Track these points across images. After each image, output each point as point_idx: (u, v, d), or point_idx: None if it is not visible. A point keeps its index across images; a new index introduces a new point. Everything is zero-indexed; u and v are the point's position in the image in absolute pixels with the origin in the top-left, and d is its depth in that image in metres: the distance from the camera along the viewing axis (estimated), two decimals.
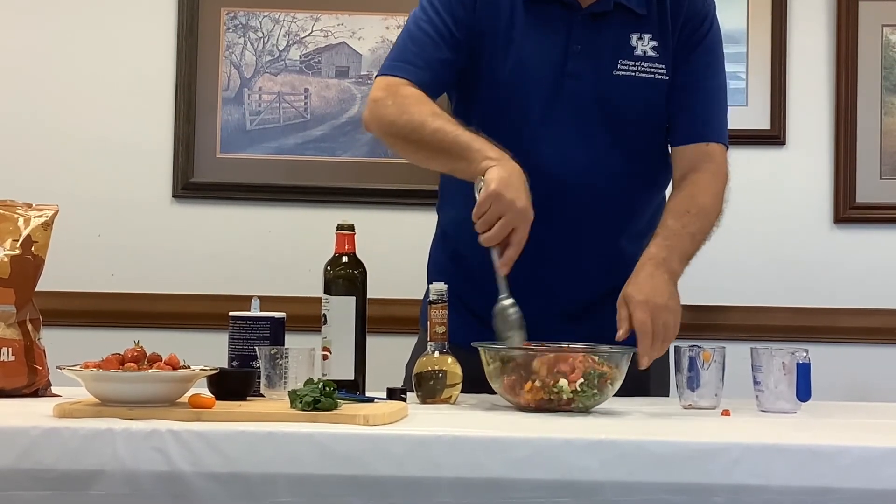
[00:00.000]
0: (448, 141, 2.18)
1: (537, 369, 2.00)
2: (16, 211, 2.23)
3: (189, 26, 3.32)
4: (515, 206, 2.07)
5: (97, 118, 3.34)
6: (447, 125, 2.20)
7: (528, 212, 2.09)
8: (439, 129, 2.19)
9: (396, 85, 2.28)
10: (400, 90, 2.27)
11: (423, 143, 2.22)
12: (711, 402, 2.14)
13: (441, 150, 2.20)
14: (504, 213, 2.08)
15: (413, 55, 2.31)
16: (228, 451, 1.69)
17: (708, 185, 2.33)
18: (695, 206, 2.29)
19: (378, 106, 2.28)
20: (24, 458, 1.69)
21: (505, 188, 2.07)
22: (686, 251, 2.26)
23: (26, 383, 2.14)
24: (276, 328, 2.14)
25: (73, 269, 3.22)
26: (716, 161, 2.35)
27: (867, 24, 3.30)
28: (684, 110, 2.36)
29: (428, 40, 2.31)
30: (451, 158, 2.19)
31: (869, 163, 3.29)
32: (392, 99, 2.26)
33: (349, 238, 2.21)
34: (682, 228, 2.25)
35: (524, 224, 2.09)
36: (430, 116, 2.21)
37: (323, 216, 3.13)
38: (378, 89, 2.30)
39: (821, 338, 3.21)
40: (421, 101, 2.25)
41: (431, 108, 2.23)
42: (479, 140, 2.16)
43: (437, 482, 1.68)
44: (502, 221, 2.08)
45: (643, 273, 2.18)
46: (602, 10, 2.32)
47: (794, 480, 1.67)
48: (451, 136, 2.18)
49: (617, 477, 1.67)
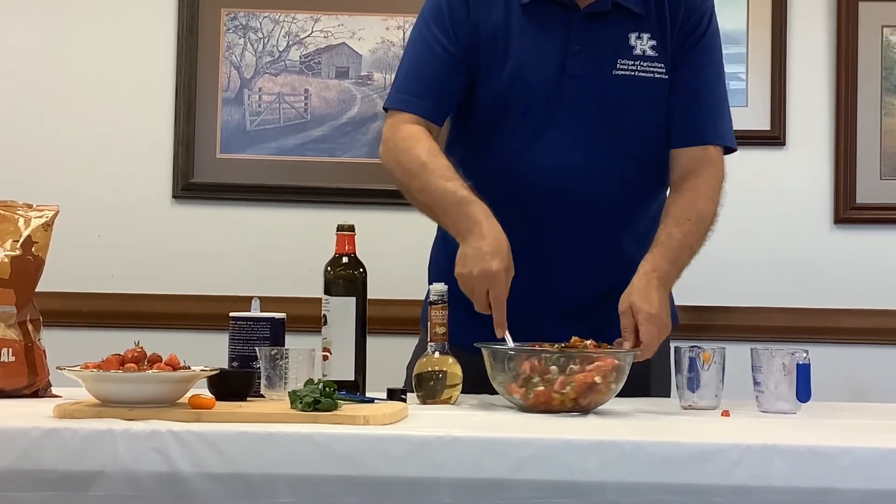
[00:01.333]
0: (430, 203, 2.25)
1: (539, 370, 2.01)
2: (16, 211, 2.23)
3: (189, 27, 3.32)
4: (478, 279, 2.13)
5: (97, 119, 3.34)
6: (430, 181, 2.23)
7: (487, 276, 2.13)
8: (424, 188, 2.25)
9: (397, 124, 2.32)
10: (399, 132, 2.31)
11: (412, 197, 2.30)
12: (711, 403, 2.14)
13: (427, 207, 2.27)
14: (473, 287, 2.14)
15: (415, 84, 2.34)
16: (229, 452, 1.69)
17: (708, 191, 2.34)
18: (695, 213, 2.30)
19: (384, 148, 2.35)
20: (25, 459, 1.69)
21: (462, 267, 2.16)
22: (684, 263, 2.29)
23: (26, 384, 2.14)
24: (277, 329, 2.14)
25: (74, 269, 3.22)
26: (714, 165, 2.36)
27: (867, 24, 3.30)
28: (683, 113, 2.35)
29: (429, 67, 2.34)
30: (436, 218, 2.29)
31: (869, 163, 3.29)
32: (393, 142, 2.32)
33: (349, 239, 2.21)
34: (683, 238, 2.27)
35: (493, 286, 2.13)
36: (420, 169, 2.25)
37: (323, 217, 3.14)
38: (385, 127, 2.36)
39: (821, 338, 3.21)
40: (414, 146, 2.27)
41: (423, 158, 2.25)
42: (455, 204, 2.20)
43: (437, 483, 1.68)
44: (475, 293, 2.15)
45: (651, 285, 2.19)
46: (600, 9, 2.32)
47: (794, 481, 1.67)
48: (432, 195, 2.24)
49: (617, 478, 1.67)
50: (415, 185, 2.28)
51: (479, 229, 2.16)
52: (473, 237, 2.16)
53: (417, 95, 2.33)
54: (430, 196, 2.25)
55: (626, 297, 2.18)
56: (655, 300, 2.17)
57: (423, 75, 2.34)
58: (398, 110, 2.34)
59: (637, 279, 2.20)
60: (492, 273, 2.13)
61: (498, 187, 2.29)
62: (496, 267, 2.13)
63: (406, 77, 2.37)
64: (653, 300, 2.16)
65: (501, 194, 2.27)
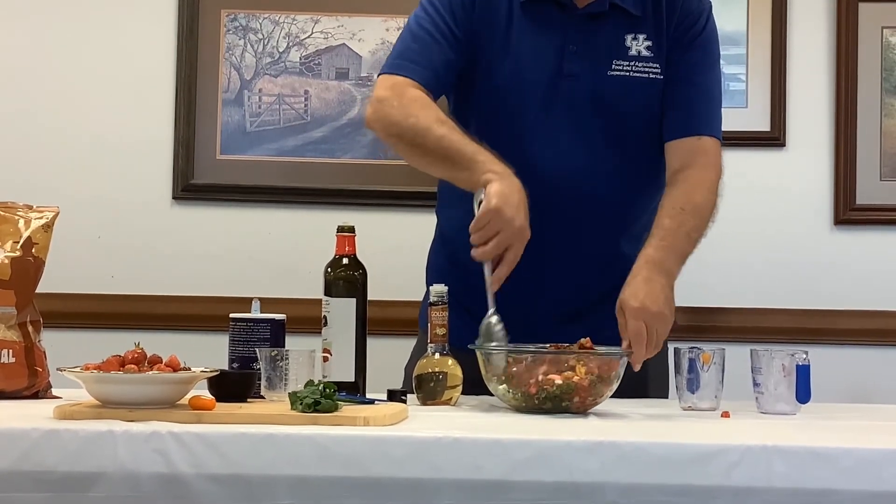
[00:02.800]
0: (453, 149, 2.18)
1: (534, 371, 2.01)
2: (16, 213, 2.23)
3: (189, 28, 3.32)
4: (514, 224, 2.08)
5: (97, 120, 3.34)
6: (453, 133, 2.19)
7: (524, 231, 2.09)
8: (444, 137, 2.19)
9: (402, 85, 2.27)
10: (406, 91, 2.26)
11: (426, 148, 2.21)
12: (711, 404, 2.14)
13: (445, 157, 2.20)
14: (501, 229, 2.08)
15: (416, 54, 2.31)
16: (229, 453, 1.69)
17: (702, 180, 2.32)
18: (690, 203, 2.28)
19: (383, 105, 2.27)
20: (25, 460, 1.69)
21: (505, 205, 2.08)
22: (683, 250, 2.25)
23: (27, 385, 2.15)
24: (277, 330, 2.15)
25: (74, 270, 3.22)
26: (709, 155, 2.35)
27: (867, 25, 3.30)
28: (677, 105, 2.35)
29: (430, 40, 2.31)
30: (453, 167, 2.19)
31: (869, 164, 3.29)
32: (398, 100, 2.25)
33: (349, 240, 2.21)
34: (678, 227, 2.24)
35: (520, 243, 2.09)
36: (436, 122, 2.21)
37: (323, 218, 3.13)
38: (383, 88, 2.29)
39: (820, 339, 3.20)
40: (426, 106, 2.24)
41: (437, 114, 2.23)
42: (483, 152, 2.16)
43: (437, 484, 1.68)
44: (498, 238, 2.09)
45: (639, 277, 2.17)
46: (598, 10, 2.32)
47: (793, 482, 1.67)
48: (455, 144, 2.18)
49: (617, 479, 1.68)
50: (432, 136, 2.19)
51: (511, 178, 2.11)
52: (510, 178, 2.11)
53: (421, 66, 2.29)
54: (452, 143, 2.18)
55: (619, 297, 2.17)
56: (641, 293, 2.14)
57: (422, 47, 2.31)
58: (399, 75, 2.29)
59: (630, 276, 2.19)
60: (524, 230, 2.09)
61: None
62: (522, 222, 2.08)
63: (407, 48, 2.32)
64: (638, 293, 2.13)
65: None
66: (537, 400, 2.00)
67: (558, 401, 2.00)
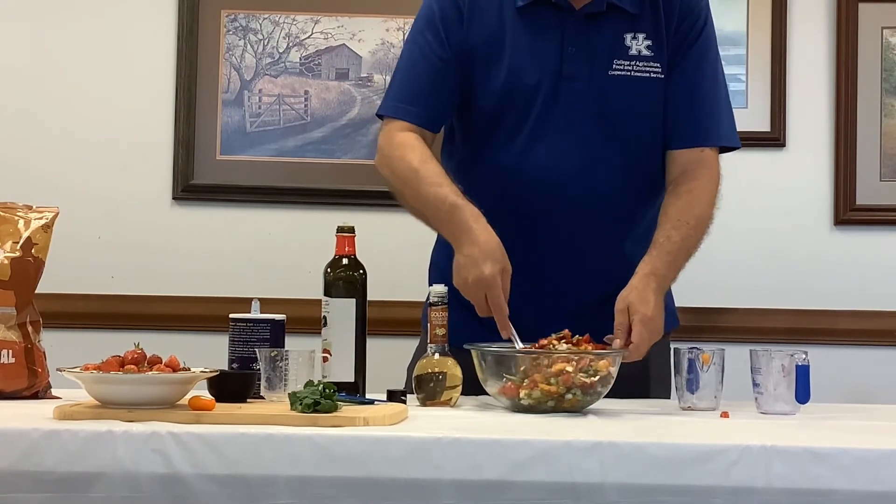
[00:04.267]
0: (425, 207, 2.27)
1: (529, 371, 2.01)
2: (16, 213, 2.23)
3: (189, 28, 3.33)
4: (482, 284, 2.15)
5: (97, 120, 3.34)
6: (422, 188, 2.25)
7: (494, 278, 2.14)
8: (416, 195, 2.28)
9: (391, 132, 2.34)
10: (392, 139, 2.33)
11: (407, 204, 2.33)
12: (710, 404, 2.14)
13: (420, 214, 2.31)
14: (476, 294, 2.16)
15: (409, 92, 2.36)
16: (229, 453, 1.69)
17: (706, 195, 2.34)
18: (694, 218, 2.30)
19: (379, 156, 2.37)
20: (24, 461, 1.69)
21: (458, 276, 2.18)
22: (681, 267, 2.29)
23: (26, 385, 2.15)
24: (276, 330, 2.15)
25: (74, 271, 3.22)
26: (710, 168, 2.36)
27: (867, 26, 3.30)
28: (679, 114, 2.35)
29: (422, 74, 2.35)
30: (430, 224, 2.32)
31: (869, 165, 3.29)
32: (387, 150, 2.34)
33: (349, 240, 2.21)
34: (682, 242, 2.27)
35: (489, 290, 2.14)
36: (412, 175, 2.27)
37: (323, 218, 3.13)
38: (380, 135, 2.38)
39: (820, 340, 3.20)
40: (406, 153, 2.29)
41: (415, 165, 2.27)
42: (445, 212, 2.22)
43: (437, 484, 1.68)
44: (474, 300, 2.17)
45: (649, 288, 2.19)
46: (595, 10, 2.32)
47: (792, 482, 1.67)
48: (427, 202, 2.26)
49: (617, 478, 1.68)
50: (408, 193, 2.30)
51: (469, 236, 2.17)
52: (465, 244, 2.17)
53: (410, 102, 2.34)
54: (422, 203, 2.27)
55: (623, 297, 2.17)
56: (652, 303, 2.17)
57: (416, 82, 2.35)
58: (391, 118, 2.36)
59: (636, 280, 2.20)
60: (486, 278, 2.14)
61: (496, 190, 2.30)
62: (489, 271, 2.14)
63: (400, 84, 2.38)
64: (649, 302, 2.16)
65: (499, 197, 2.28)
66: (533, 400, 2.01)
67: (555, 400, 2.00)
